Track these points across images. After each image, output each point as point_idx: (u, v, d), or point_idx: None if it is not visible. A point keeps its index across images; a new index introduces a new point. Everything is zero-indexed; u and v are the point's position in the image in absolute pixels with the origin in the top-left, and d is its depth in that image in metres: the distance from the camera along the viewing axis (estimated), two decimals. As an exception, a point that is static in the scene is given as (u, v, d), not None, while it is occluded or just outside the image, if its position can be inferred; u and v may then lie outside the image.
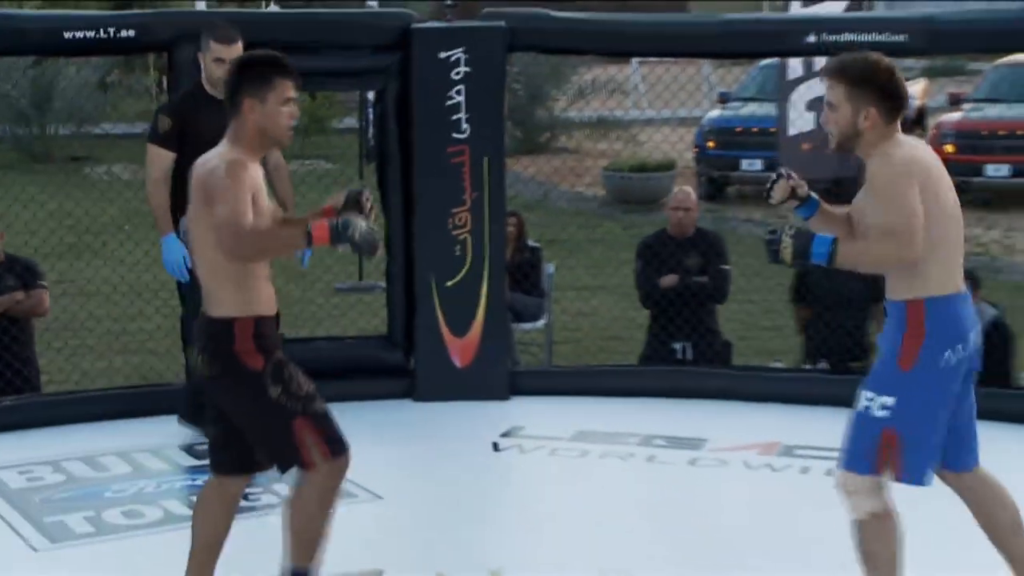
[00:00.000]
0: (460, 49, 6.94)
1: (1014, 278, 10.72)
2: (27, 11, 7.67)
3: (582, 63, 17.76)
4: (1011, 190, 14.08)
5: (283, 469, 4.28)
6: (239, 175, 4.04)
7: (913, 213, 3.90)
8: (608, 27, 7.49)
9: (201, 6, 17.94)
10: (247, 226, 4.00)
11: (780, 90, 9.02)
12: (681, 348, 7.62)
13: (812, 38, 7.04)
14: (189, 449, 6.32)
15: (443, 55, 6.92)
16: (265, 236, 4.11)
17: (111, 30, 6.73)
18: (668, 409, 6.91)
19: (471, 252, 6.99)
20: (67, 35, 6.70)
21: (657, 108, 15.89)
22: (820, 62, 9.50)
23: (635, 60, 18.24)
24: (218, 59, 5.98)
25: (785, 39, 7.36)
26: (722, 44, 7.49)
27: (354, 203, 4.32)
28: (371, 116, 10.86)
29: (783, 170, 4.36)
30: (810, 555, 5.01)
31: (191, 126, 5.97)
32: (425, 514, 5.49)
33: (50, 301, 7.41)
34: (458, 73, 6.93)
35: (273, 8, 17.19)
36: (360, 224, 4.07)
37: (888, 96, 4.04)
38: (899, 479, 4.04)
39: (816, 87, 10.38)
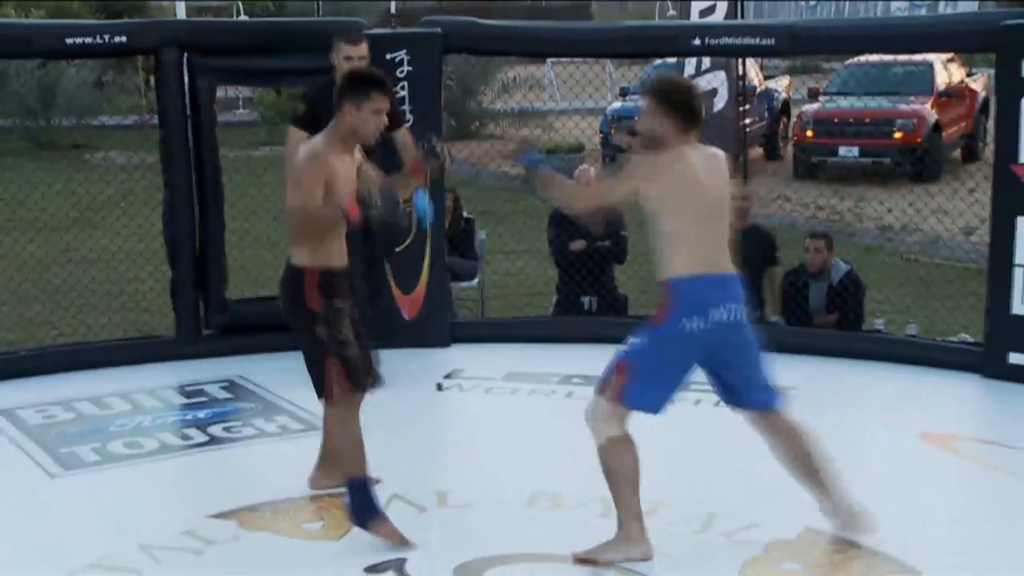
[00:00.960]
0: (403, 51, 6.86)
1: (865, 240, 10.83)
2: (33, 20, 7.48)
3: (505, 63, 17.69)
4: (859, 168, 14.25)
5: (318, 394, 4.40)
6: (315, 166, 4.20)
7: (611, 189, 4.24)
8: (528, 32, 7.45)
9: (181, 15, 17.66)
10: (309, 207, 4.19)
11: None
12: (588, 301, 7.64)
13: (698, 41, 7.03)
14: (180, 390, 6.25)
15: (389, 56, 6.83)
16: (317, 215, 4.21)
17: (106, 36, 6.60)
18: (582, 353, 6.88)
19: (416, 222, 6.92)
20: (68, 41, 6.56)
21: (568, 100, 15.92)
22: (706, 62, 9.59)
23: (549, 60, 18.19)
24: (347, 57, 5.90)
25: (676, 42, 7.35)
26: (623, 46, 7.46)
27: (430, 153, 4.44)
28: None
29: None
30: (690, 471, 5.05)
31: (322, 112, 5.86)
32: (380, 445, 5.43)
33: (55, 268, 7.25)
34: (402, 71, 6.86)
35: (243, 18, 16.94)
36: (383, 203, 4.23)
37: (681, 111, 4.10)
38: (616, 400, 4.14)
39: (704, 82, 10.44)
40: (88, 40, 6.56)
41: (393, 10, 8.73)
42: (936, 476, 5.06)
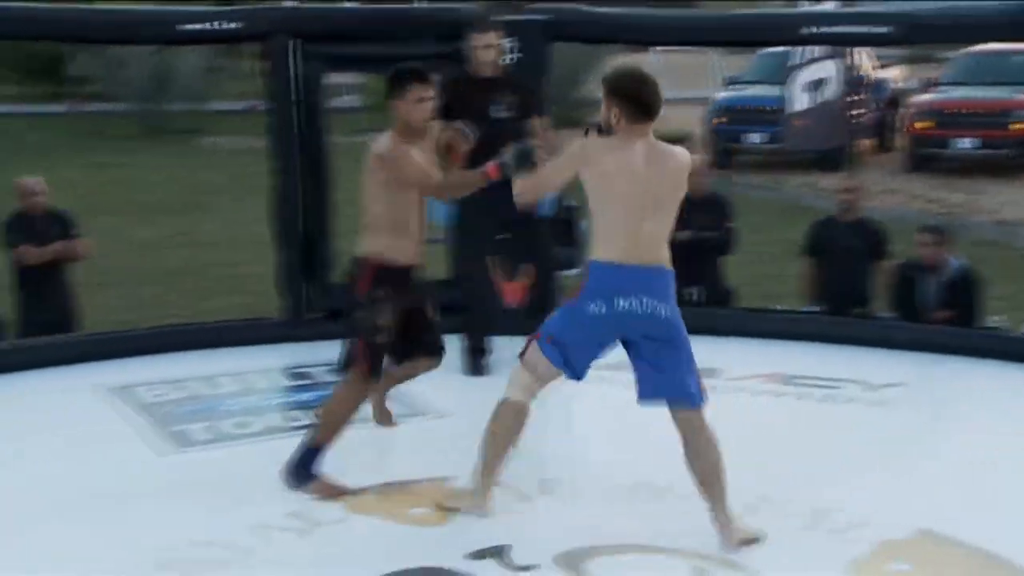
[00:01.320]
0: (508, 39, 6.87)
1: (981, 235, 10.57)
2: (146, 7, 7.64)
3: (609, 51, 17.61)
4: (973, 160, 13.89)
5: (341, 366, 4.66)
6: (403, 149, 4.52)
7: (552, 173, 4.32)
8: (635, 20, 7.40)
9: (291, 2, 17.90)
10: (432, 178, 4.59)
11: (786, 72, 8.89)
12: (693, 292, 7.56)
13: (808, 30, 6.91)
14: (287, 372, 6.35)
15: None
16: (449, 180, 4.68)
17: (218, 23, 6.72)
18: (687, 343, 6.84)
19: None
20: (180, 27, 6.69)
21: (674, 89, 15.80)
22: (816, 51, 9.43)
23: (655, 48, 18.07)
24: (478, 46, 6.12)
25: (786, 30, 7.23)
26: (731, 35, 7.37)
27: (523, 157, 4.48)
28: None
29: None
30: (798, 466, 4.99)
31: (455, 102, 5.97)
32: (481, 432, 5.47)
33: (167, 251, 7.42)
34: (507, 59, 6.86)
35: (352, 4, 17.11)
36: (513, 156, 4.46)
37: (630, 102, 4.13)
38: (526, 356, 4.36)
39: (812, 72, 10.27)
40: (200, 27, 6.68)
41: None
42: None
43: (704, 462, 4.24)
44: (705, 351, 6.61)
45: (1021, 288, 8.21)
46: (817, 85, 9.66)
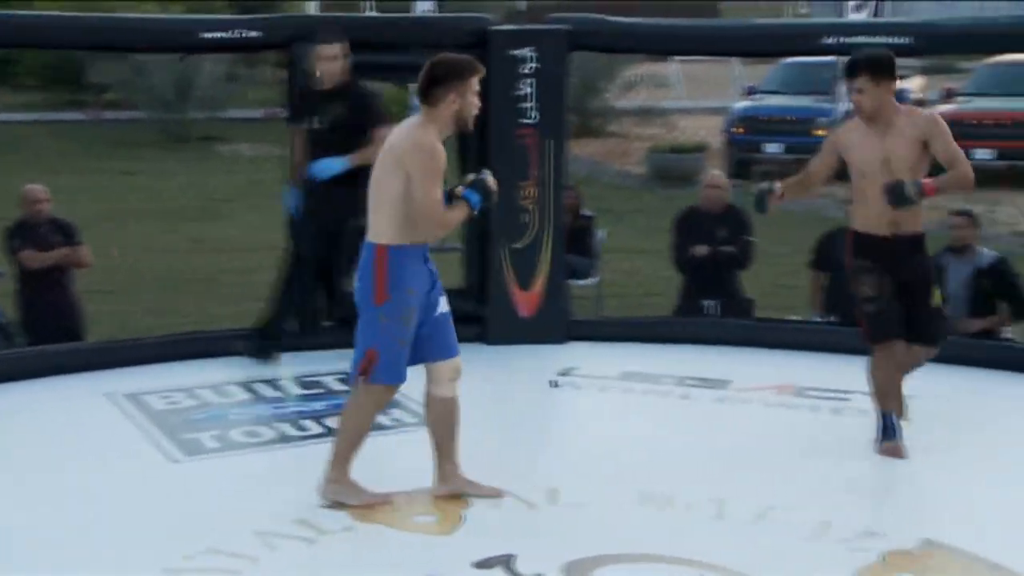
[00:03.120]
0: (529, 48, 6.89)
1: (999, 246, 10.50)
2: (169, 15, 7.70)
3: (630, 60, 17.61)
4: (995, 171, 13.84)
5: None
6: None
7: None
8: (655, 30, 7.41)
9: (312, 10, 17.97)
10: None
11: (831, 85, 8.87)
12: (709, 306, 7.53)
13: (829, 40, 6.91)
14: (299, 381, 6.37)
15: (515, 53, 6.87)
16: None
17: (240, 31, 6.76)
18: (699, 354, 6.85)
19: (536, 219, 6.96)
20: (202, 35, 6.73)
21: (693, 99, 15.80)
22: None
23: (674, 58, 18.06)
24: (322, 57, 6.31)
25: (806, 40, 7.23)
26: (752, 45, 7.38)
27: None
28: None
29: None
30: (807, 477, 4.98)
31: (302, 110, 6.36)
32: (493, 440, 5.49)
33: (185, 257, 7.46)
34: (527, 68, 6.89)
35: (373, 13, 17.16)
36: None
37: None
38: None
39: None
40: (222, 35, 6.73)
41: (523, 7, 8.77)
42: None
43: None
44: (717, 361, 6.70)
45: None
46: (837, 96, 9.62)
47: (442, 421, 4.68)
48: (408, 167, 4.32)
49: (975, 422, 5.81)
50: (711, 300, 7.49)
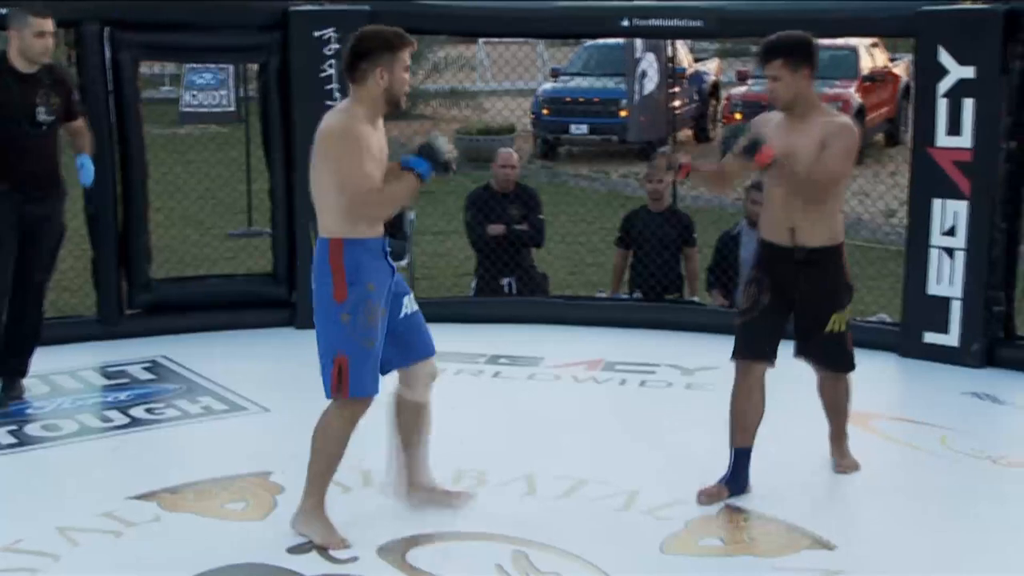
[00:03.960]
0: (331, 29, 6.81)
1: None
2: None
3: (436, 42, 17.61)
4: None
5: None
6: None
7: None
8: (457, 11, 7.40)
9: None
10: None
11: (626, 65, 9.00)
12: (507, 283, 7.64)
13: (626, 22, 7.05)
14: (102, 371, 6.16)
15: (316, 34, 6.79)
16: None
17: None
18: (511, 333, 6.92)
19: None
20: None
21: (499, 81, 15.90)
22: (639, 43, 9.58)
23: (481, 40, 18.15)
24: (40, 33, 5.42)
25: (605, 23, 7.34)
26: (553, 26, 7.46)
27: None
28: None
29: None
30: (617, 449, 5.10)
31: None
32: (306, 423, 5.41)
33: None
34: (329, 49, 6.80)
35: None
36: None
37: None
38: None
39: (646, 63, 10.42)
40: (5, 12, 6.40)
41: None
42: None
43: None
44: (528, 339, 6.78)
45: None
46: (641, 77, 9.83)
47: (412, 426, 4.34)
48: (329, 155, 3.98)
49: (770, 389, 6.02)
50: (508, 278, 7.59)
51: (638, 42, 9.17)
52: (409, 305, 4.23)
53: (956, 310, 6.26)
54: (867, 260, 8.83)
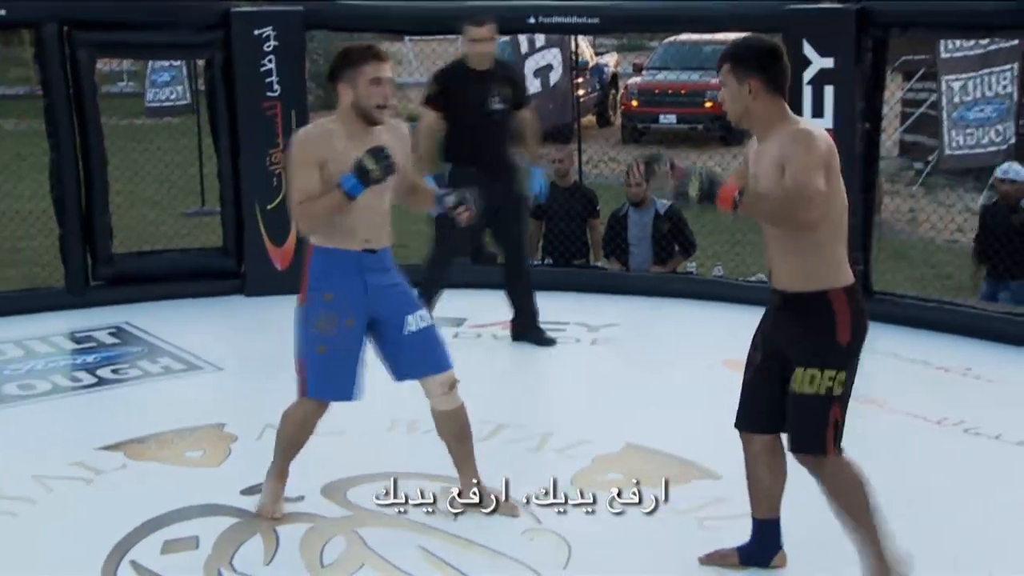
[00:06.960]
0: (269, 27, 6.72)
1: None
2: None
3: (364, 39, 17.39)
4: (676, 132, 14.56)
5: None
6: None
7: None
8: (379, 11, 7.35)
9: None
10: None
11: (515, 61, 9.00)
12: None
13: (532, 19, 7.06)
14: (71, 336, 6.06)
15: (256, 32, 6.69)
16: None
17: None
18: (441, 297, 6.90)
19: (284, 182, 6.82)
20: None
21: (424, 75, 15.81)
22: (541, 39, 9.58)
23: (407, 37, 17.98)
24: (473, 39, 5.74)
25: (513, 21, 7.32)
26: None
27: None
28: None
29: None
30: (531, 398, 5.14)
31: (454, 90, 5.72)
32: (255, 380, 5.40)
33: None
34: (268, 46, 6.72)
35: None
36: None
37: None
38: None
39: (539, 59, 10.43)
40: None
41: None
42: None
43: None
44: (455, 303, 6.78)
45: (713, 240, 8.63)
46: (546, 70, 9.83)
47: (450, 433, 4.00)
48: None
49: (665, 343, 6.13)
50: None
51: (525, 39, 9.13)
52: (416, 322, 3.88)
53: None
54: (748, 227, 8.92)
